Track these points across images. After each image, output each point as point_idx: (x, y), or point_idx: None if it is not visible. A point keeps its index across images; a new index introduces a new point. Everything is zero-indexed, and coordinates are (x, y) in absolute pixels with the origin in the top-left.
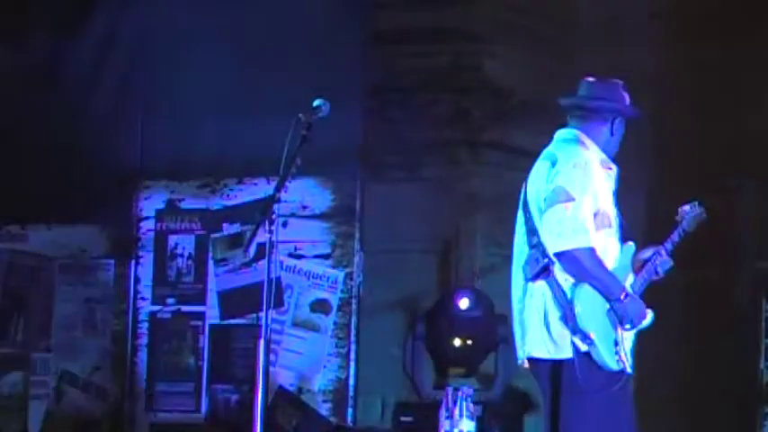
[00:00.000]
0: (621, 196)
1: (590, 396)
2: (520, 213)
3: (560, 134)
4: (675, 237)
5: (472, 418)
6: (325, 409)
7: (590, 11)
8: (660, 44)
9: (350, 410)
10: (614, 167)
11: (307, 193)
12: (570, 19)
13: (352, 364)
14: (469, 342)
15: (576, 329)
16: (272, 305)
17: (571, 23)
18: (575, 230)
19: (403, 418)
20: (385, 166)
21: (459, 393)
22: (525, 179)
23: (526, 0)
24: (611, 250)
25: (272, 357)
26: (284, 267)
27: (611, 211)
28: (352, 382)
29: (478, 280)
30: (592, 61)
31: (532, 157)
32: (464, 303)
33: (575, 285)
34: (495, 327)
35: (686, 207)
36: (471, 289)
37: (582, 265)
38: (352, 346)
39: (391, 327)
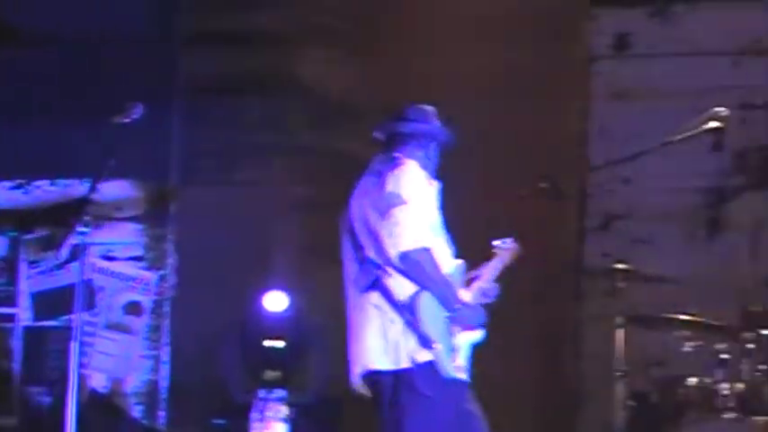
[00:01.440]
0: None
1: (431, 403)
2: (345, 233)
3: (380, 158)
4: (497, 269)
5: (285, 421)
6: (136, 412)
7: (404, 14)
8: (472, 47)
9: (162, 413)
10: (435, 183)
11: (120, 195)
12: (384, 22)
13: (165, 366)
14: (282, 344)
15: (420, 338)
16: (84, 307)
17: (385, 26)
18: (412, 232)
19: (215, 421)
20: (199, 169)
21: (272, 396)
22: (339, 181)
23: (340, 3)
24: (443, 261)
25: (84, 359)
26: (97, 269)
27: (438, 224)
28: (164, 384)
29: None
30: (406, 64)
31: (347, 160)
32: (277, 306)
33: (414, 295)
34: (309, 329)
35: (502, 243)
36: (285, 292)
37: (422, 266)
38: (165, 349)
39: (205, 329)
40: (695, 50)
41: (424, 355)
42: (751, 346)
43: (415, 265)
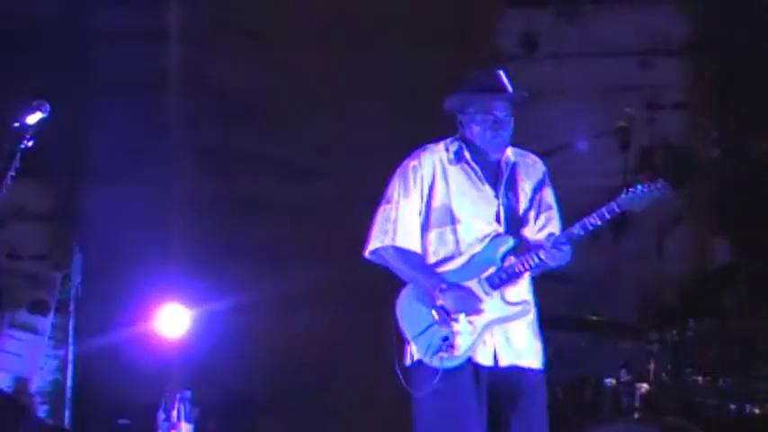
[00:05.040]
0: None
1: (419, 403)
2: None
3: None
4: (594, 219)
5: (190, 421)
6: (42, 411)
7: (312, 13)
8: (381, 47)
9: (67, 412)
10: (476, 165)
11: (25, 194)
12: (292, 21)
13: (70, 365)
14: (186, 344)
15: (403, 336)
16: None
17: (292, 25)
18: (382, 231)
19: (120, 421)
20: (104, 168)
21: (178, 396)
22: (247, 179)
23: (248, 2)
24: (450, 244)
25: None
26: (2, 268)
27: (460, 206)
28: (69, 383)
29: None
30: (315, 63)
31: (255, 158)
32: (176, 321)
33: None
34: (210, 328)
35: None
36: (185, 304)
37: (388, 263)
38: (70, 348)
39: (110, 328)
40: (603, 50)
41: (411, 354)
42: (657, 346)
43: (381, 261)
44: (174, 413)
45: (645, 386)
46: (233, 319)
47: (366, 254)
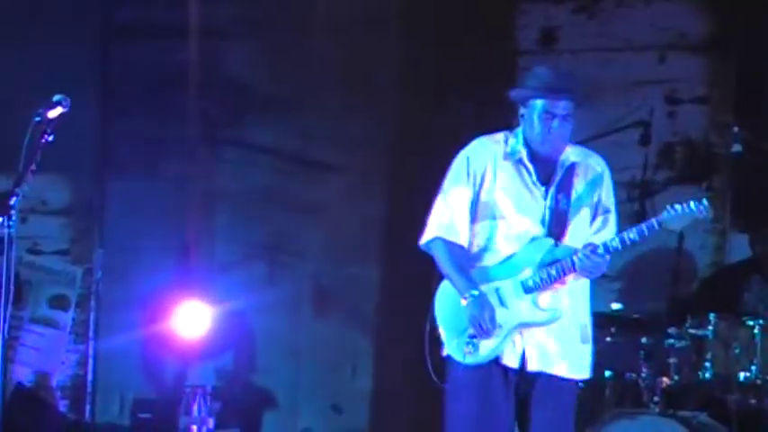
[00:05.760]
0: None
1: (448, 395)
2: None
3: None
4: (633, 234)
5: (211, 415)
6: (63, 406)
7: (329, 8)
8: (400, 42)
9: (88, 407)
10: (530, 164)
11: (46, 188)
12: (310, 15)
13: (91, 360)
14: (210, 339)
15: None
16: (10, 301)
17: (311, 19)
18: (432, 223)
19: (141, 415)
20: (124, 163)
21: (199, 390)
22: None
23: None
24: (491, 239)
25: (10, 353)
26: (23, 263)
27: (505, 202)
28: (90, 378)
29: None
30: (332, 59)
31: (272, 153)
32: (197, 317)
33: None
34: (229, 324)
35: (682, 205)
36: (206, 300)
37: (436, 255)
38: (91, 343)
39: (130, 323)
40: (622, 45)
41: (445, 348)
42: (677, 340)
43: (431, 253)
44: (195, 408)
45: (666, 380)
46: (253, 316)
47: (421, 245)
